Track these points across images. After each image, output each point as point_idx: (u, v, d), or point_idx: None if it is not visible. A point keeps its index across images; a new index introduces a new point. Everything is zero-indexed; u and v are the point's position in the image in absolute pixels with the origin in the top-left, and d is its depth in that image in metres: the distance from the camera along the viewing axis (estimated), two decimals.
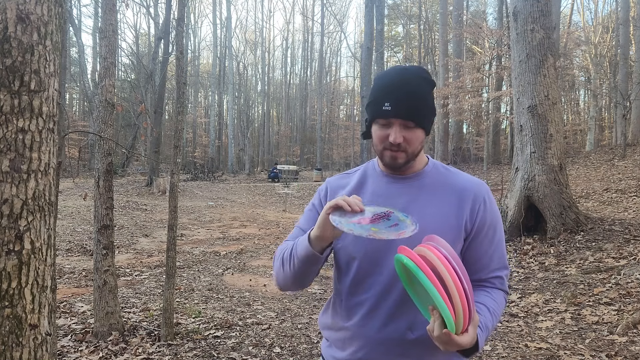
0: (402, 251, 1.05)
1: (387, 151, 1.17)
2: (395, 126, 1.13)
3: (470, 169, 22.13)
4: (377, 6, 16.14)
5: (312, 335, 3.97)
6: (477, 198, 1.20)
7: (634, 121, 18.20)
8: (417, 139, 1.16)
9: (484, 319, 1.13)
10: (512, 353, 3.44)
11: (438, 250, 1.00)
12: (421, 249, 1.04)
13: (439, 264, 0.97)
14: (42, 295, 1.39)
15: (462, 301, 0.96)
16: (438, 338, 0.97)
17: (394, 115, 1.13)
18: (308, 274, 1.19)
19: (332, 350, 1.30)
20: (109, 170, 3.69)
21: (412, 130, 1.14)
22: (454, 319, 0.96)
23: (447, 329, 0.95)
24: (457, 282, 0.96)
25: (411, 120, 1.13)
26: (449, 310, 0.95)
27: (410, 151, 1.17)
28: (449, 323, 0.95)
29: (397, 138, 1.13)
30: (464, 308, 0.96)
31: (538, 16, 7.00)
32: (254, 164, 38.01)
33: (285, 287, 1.27)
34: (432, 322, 0.99)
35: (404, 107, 1.12)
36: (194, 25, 40.53)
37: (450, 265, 0.98)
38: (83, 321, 4.10)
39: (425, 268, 0.97)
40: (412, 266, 0.98)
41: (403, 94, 1.13)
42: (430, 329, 0.99)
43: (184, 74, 4.04)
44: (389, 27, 37.85)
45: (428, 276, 0.96)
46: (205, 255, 7.60)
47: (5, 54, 1.30)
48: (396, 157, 1.16)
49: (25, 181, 1.34)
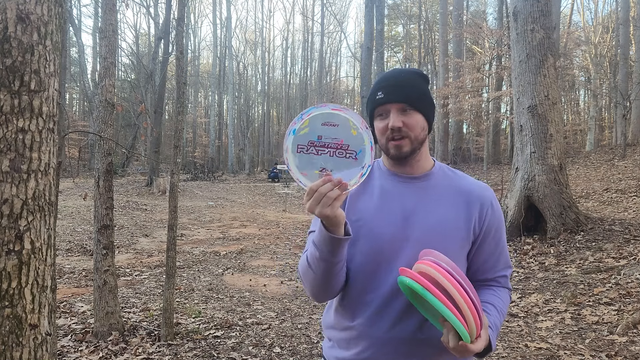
0: (404, 273, 1.05)
1: (390, 142, 1.18)
2: (392, 112, 1.16)
3: (470, 169, 22.13)
4: (377, 6, 16.14)
5: (312, 335, 3.96)
6: (484, 203, 1.22)
7: (634, 121, 18.19)
8: (416, 122, 1.17)
9: (493, 319, 1.15)
10: (512, 353, 3.44)
11: (439, 265, 1.02)
12: (421, 266, 1.04)
13: (442, 280, 0.99)
14: (42, 295, 1.39)
15: (472, 312, 0.98)
16: (454, 349, 1.01)
17: (388, 101, 1.16)
18: (334, 267, 1.12)
19: (335, 350, 1.28)
20: (109, 170, 3.69)
21: (410, 114, 1.16)
22: (468, 330, 0.98)
23: (463, 341, 0.99)
24: (464, 294, 0.98)
25: (405, 103, 1.16)
26: (462, 324, 0.97)
27: (413, 137, 1.17)
28: (463, 335, 0.98)
29: (395, 122, 1.15)
30: (474, 318, 0.99)
31: (538, 16, 7.00)
32: (254, 164, 37.99)
33: (318, 294, 1.20)
34: (445, 334, 1.03)
35: (396, 92, 1.16)
36: (194, 25, 40.52)
37: (453, 279, 0.99)
38: (83, 321, 4.10)
39: (430, 287, 0.98)
40: (418, 288, 0.99)
41: (393, 81, 1.18)
42: (445, 340, 1.03)
43: (184, 74, 4.04)
44: (389, 27, 37.83)
45: (435, 295, 0.97)
46: (205, 255, 7.60)
47: (5, 54, 1.30)
48: (400, 145, 1.17)
49: (25, 181, 1.34)
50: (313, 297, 1.22)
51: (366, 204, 1.23)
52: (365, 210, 1.22)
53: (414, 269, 1.07)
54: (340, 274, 1.16)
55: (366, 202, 1.23)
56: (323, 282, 1.16)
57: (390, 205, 1.21)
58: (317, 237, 1.10)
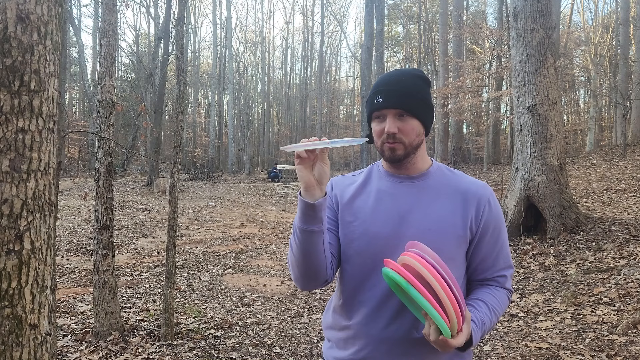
0: (388, 264, 1.06)
1: (385, 144, 1.20)
2: (389, 117, 1.17)
3: (470, 169, 22.13)
4: (377, 6, 16.13)
5: (312, 335, 3.96)
6: (481, 200, 1.22)
7: (634, 121, 18.19)
8: (411, 129, 1.18)
9: (480, 315, 1.15)
10: (512, 353, 3.44)
11: (422, 257, 1.01)
12: (405, 258, 1.04)
13: (425, 272, 0.98)
14: (42, 295, 1.39)
15: (453, 306, 0.98)
16: (435, 343, 1.02)
17: (385, 106, 1.17)
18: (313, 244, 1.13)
19: (334, 351, 1.29)
20: (109, 170, 3.69)
21: (406, 120, 1.17)
22: (448, 325, 0.99)
23: (443, 336, 0.99)
24: (446, 287, 0.98)
25: (402, 109, 1.16)
26: (443, 318, 0.98)
27: (407, 142, 1.18)
28: (443, 330, 0.98)
29: (390, 127, 1.16)
30: (456, 312, 0.99)
31: (538, 16, 7.00)
32: (254, 164, 37.99)
33: (299, 276, 1.20)
34: (427, 327, 1.04)
35: (394, 97, 1.17)
36: (194, 25, 40.51)
37: (436, 272, 0.99)
38: (83, 321, 4.10)
39: (412, 280, 0.98)
40: (400, 280, 0.99)
41: (393, 86, 1.18)
42: (427, 333, 1.04)
43: (184, 74, 4.04)
44: (389, 27, 37.82)
45: (417, 288, 0.97)
46: (205, 255, 7.60)
47: (5, 53, 1.30)
48: (394, 148, 1.19)
49: (25, 181, 1.34)
50: (296, 282, 1.23)
51: (362, 204, 1.24)
52: (361, 211, 1.23)
53: (398, 261, 1.07)
54: (317, 256, 1.15)
55: (362, 203, 1.24)
56: (302, 262, 1.16)
57: (386, 205, 1.22)
58: (297, 214, 1.14)
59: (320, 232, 1.13)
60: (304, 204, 1.10)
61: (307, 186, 1.09)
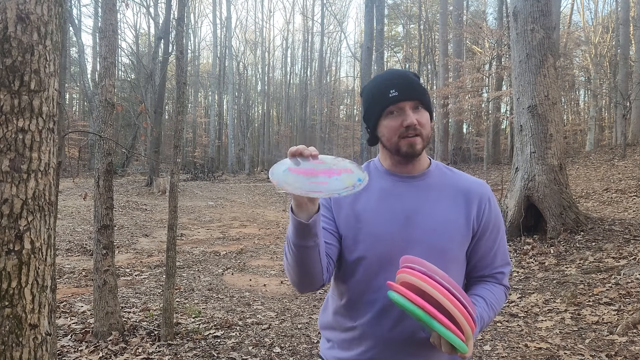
0: (392, 287, 1.03)
1: (403, 140, 1.16)
2: (407, 109, 1.15)
3: (470, 169, 22.12)
4: (377, 6, 16.13)
5: (312, 335, 3.96)
6: (482, 199, 1.23)
7: (634, 121, 18.18)
8: (427, 121, 1.18)
9: (479, 310, 1.15)
10: (512, 353, 3.44)
11: (423, 274, 0.99)
12: (406, 276, 1.02)
13: (432, 291, 0.96)
14: (42, 295, 1.39)
15: (466, 320, 0.96)
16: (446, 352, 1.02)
17: (402, 98, 1.15)
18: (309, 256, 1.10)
19: (335, 351, 1.28)
20: (109, 170, 3.69)
21: (422, 112, 1.17)
22: (463, 340, 0.97)
23: (461, 352, 0.98)
24: (457, 303, 0.96)
25: (418, 100, 1.16)
26: (458, 336, 0.95)
27: (425, 134, 1.18)
28: (460, 347, 0.96)
29: (412, 119, 1.14)
30: (469, 325, 0.97)
31: (538, 16, 7.00)
32: (254, 164, 37.98)
33: (296, 281, 1.17)
34: (435, 337, 1.03)
35: (410, 89, 1.16)
36: (194, 25, 40.49)
37: (441, 287, 0.97)
38: (83, 321, 4.10)
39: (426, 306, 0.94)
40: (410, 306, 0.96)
41: (404, 79, 1.18)
42: (436, 343, 1.03)
43: (184, 74, 4.04)
44: (389, 27, 37.80)
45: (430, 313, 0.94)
46: (205, 255, 7.60)
47: (5, 53, 1.30)
48: (414, 142, 1.16)
49: (25, 181, 1.34)
50: (293, 284, 1.21)
51: (366, 205, 1.22)
52: (365, 212, 1.21)
53: (399, 280, 1.05)
54: (312, 265, 1.11)
55: (366, 203, 1.22)
56: (297, 270, 1.14)
57: (391, 205, 1.20)
58: (289, 227, 1.10)
59: (315, 247, 1.09)
60: (297, 222, 1.04)
61: (299, 203, 1.04)
